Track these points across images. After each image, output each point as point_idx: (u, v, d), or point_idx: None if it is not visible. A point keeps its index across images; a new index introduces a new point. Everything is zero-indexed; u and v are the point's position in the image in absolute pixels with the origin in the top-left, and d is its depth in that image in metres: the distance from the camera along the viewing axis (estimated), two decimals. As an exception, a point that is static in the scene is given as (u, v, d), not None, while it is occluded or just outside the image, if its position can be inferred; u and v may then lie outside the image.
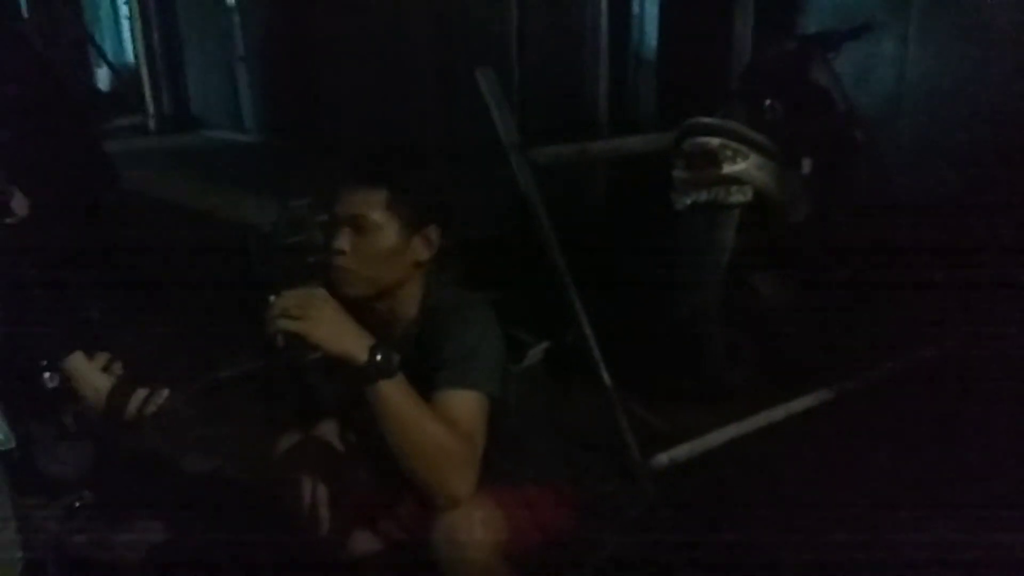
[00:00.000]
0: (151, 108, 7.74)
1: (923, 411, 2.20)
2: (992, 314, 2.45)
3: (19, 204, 1.79)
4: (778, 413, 2.09)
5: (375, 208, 1.31)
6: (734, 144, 2.29)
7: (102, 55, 8.15)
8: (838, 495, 1.90)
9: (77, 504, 1.78)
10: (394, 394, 1.19)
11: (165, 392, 1.49)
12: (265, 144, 6.96)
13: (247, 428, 2.14)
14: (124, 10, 8.44)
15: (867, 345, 2.39)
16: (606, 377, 1.96)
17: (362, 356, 1.17)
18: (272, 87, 6.80)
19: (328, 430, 1.51)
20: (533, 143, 2.14)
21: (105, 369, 1.50)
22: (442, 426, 1.21)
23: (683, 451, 1.93)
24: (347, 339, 1.19)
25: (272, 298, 1.19)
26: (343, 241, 1.30)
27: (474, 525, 1.26)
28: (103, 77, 8.21)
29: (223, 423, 2.25)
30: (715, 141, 2.27)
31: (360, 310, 1.29)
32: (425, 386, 1.25)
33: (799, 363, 2.32)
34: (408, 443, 1.20)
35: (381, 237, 1.31)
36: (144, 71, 7.68)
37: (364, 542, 1.54)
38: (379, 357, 1.17)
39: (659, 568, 1.70)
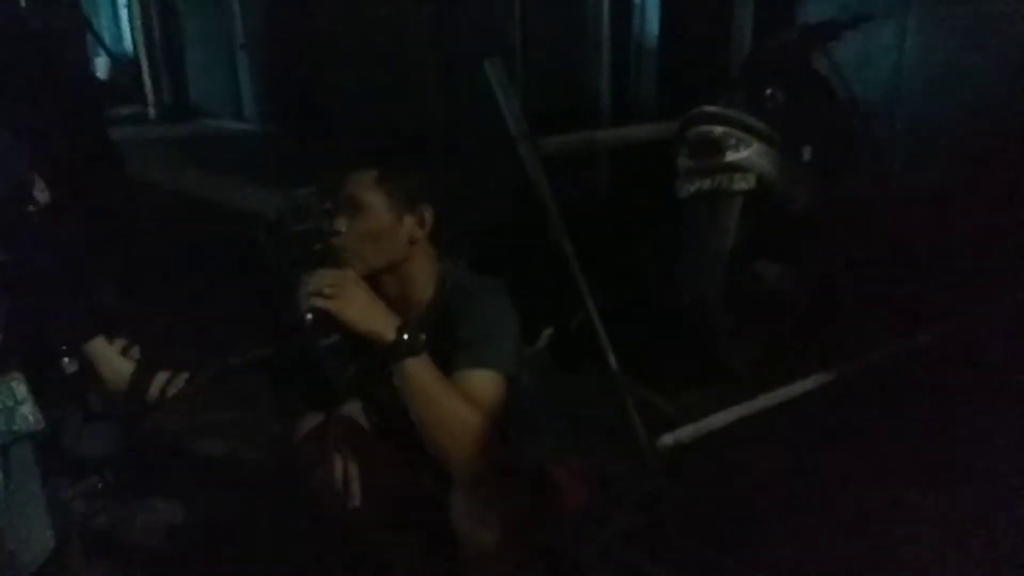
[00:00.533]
0: (151, 97, 7.73)
1: (922, 394, 2.24)
2: (991, 298, 2.50)
3: (41, 192, 1.83)
4: (780, 395, 2.13)
5: (365, 187, 1.36)
6: (737, 132, 2.33)
7: (101, 43, 8.12)
8: (836, 474, 1.96)
9: (99, 485, 1.83)
10: (420, 372, 1.24)
11: (185, 375, 1.54)
12: (265, 132, 6.97)
13: (267, 412, 2.20)
14: (122, -1, 8.42)
15: (867, 329, 2.43)
16: (613, 360, 1.99)
17: (390, 335, 1.23)
18: (273, 75, 6.79)
19: (349, 411, 1.55)
20: (538, 132, 2.17)
21: (123, 353, 1.55)
22: (464, 402, 1.26)
23: (688, 432, 1.98)
24: (376, 318, 1.24)
25: (304, 278, 1.24)
26: (340, 221, 1.34)
27: (491, 499, 1.31)
28: (101, 66, 8.19)
29: (241, 407, 2.30)
30: (718, 129, 2.31)
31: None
32: (442, 368, 1.30)
33: (801, 347, 2.36)
34: (432, 418, 1.25)
35: (372, 216, 1.35)
36: (143, 60, 7.66)
37: (385, 518, 1.59)
38: (406, 336, 1.22)
39: (666, 544, 1.75)
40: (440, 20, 4.54)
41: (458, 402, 1.26)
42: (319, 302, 1.22)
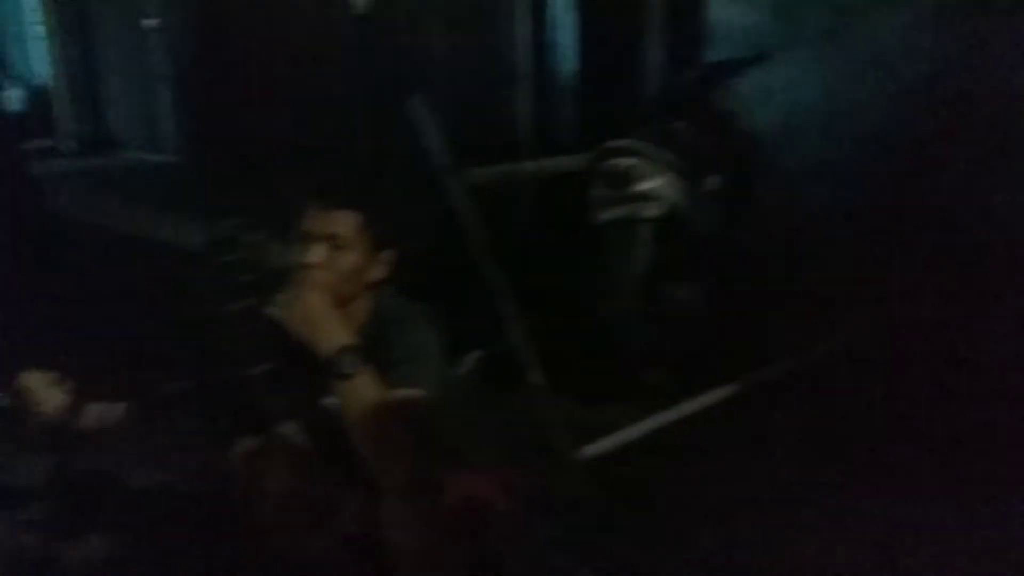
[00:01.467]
0: (66, 129, 7.54)
1: (823, 401, 2.43)
2: (886, 309, 2.72)
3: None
4: (694, 406, 2.28)
5: (350, 228, 1.44)
6: (646, 164, 2.50)
7: (12, 75, 7.90)
8: (753, 477, 2.11)
9: (33, 517, 1.83)
10: (358, 388, 1.34)
11: (120, 407, 1.58)
12: (187, 164, 6.88)
13: (199, 441, 2.21)
14: (34, 30, 8.20)
15: (770, 343, 2.61)
16: (537, 378, 2.10)
17: (327, 351, 1.32)
18: (194, 107, 6.73)
19: (285, 431, 1.62)
20: (464, 164, 2.28)
21: (55, 386, 1.57)
22: (394, 419, 1.35)
23: (608, 443, 2.10)
24: (319, 333, 1.34)
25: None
26: (317, 255, 1.43)
27: (421, 510, 1.40)
28: (14, 98, 7.94)
29: (172, 438, 2.30)
30: (629, 161, 2.48)
31: None
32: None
33: (710, 361, 2.53)
34: (367, 432, 1.34)
35: (350, 255, 1.44)
36: (59, 91, 7.48)
37: (318, 538, 1.65)
38: (343, 356, 1.32)
39: (591, 549, 1.86)
40: (366, 53, 4.63)
41: (392, 418, 1.35)
42: (270, 311, 1.32)
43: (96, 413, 1.56)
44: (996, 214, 2.62)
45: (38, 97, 8.00)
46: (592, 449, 2.07)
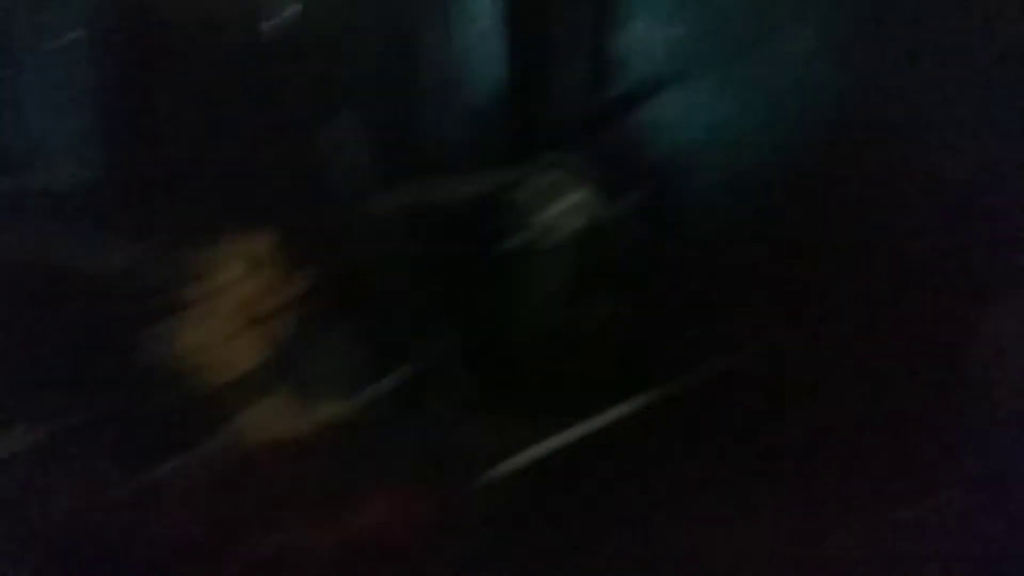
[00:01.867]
0: (-26, 147, 7.24)
1: (738, 413, 2.51)
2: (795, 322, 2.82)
3: None
4: (608, 418, 2.33)
5: (265, 248, 1.45)
6: (567, 179, 2.57)
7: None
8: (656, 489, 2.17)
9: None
10: (267, 410, 1.34)
11: (25, 435, 1.54)
12: (100, 185, 6.69)
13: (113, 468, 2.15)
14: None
15: (682, 355, 2.69)
16: (453, 399, 2.12)
17: (234, 375, 1.32)
18: (107, 127, 6.55)
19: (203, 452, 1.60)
20: (389, 183, 2.29)
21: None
22: (312, 436, 1.36)
23: (524, 459, 2.13)
24: (225, 357, 1.33)
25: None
26: (231, 272, 1.42)
27: (330, 530, 1.41)
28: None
29: (83, 465, 2.23)
30: (544, 181, 2.54)
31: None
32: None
33: (627, 374, 2.59)
34: (274, 453, 1.34)
35: (264, 276, 1.45)
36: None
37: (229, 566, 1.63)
38: (251, 379, 1.32)
39: (510, 561, 1.89)
40: (292, 75, 4.58)
41: (307, 435, 1.36)
42: (177, 336, 1.31)
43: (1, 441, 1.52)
44: (902, 231, 2.75)
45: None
46: (506, 466, 2.09)
